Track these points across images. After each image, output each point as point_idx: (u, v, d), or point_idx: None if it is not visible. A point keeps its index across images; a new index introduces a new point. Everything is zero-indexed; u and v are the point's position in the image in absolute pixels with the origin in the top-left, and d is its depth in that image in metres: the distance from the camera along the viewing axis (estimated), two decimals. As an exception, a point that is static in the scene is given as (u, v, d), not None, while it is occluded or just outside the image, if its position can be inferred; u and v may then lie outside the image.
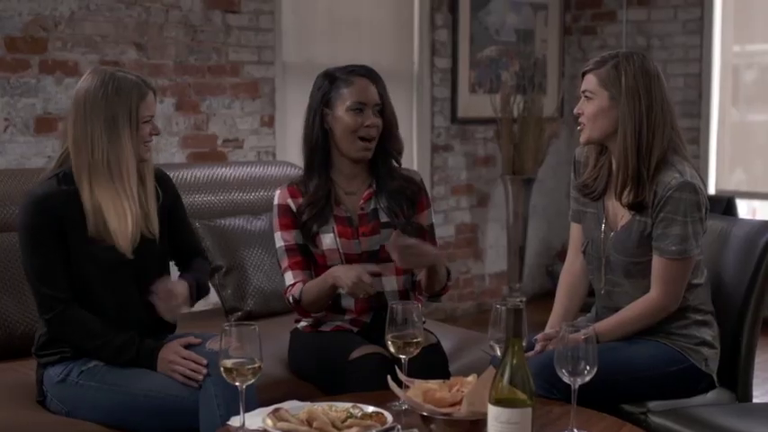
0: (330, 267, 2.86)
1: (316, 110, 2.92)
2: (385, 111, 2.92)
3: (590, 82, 2.72)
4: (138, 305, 2.68)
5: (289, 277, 2.91)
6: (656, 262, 2.68)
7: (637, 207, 2.69)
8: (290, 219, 2.94)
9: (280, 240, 2.94)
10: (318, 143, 2.92)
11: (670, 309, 2.69)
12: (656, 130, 2.66)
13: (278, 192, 2.98)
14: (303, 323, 3.01)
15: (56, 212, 2.59)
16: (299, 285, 2.87)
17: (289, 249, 2.92)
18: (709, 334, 2.75)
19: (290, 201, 2.94)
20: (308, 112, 2.95)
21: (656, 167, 2.66)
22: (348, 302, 2.92)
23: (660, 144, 2.67)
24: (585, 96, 2.73)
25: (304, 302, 2.86)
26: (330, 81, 2.92)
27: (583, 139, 2.76)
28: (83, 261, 2.61)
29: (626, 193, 2.69)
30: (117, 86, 2.60)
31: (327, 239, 2.90)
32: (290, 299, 2.88)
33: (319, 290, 2.83)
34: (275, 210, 2.96)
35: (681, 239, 2.64)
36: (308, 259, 2.93)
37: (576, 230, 2.93)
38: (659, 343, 2.71)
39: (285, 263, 2.93)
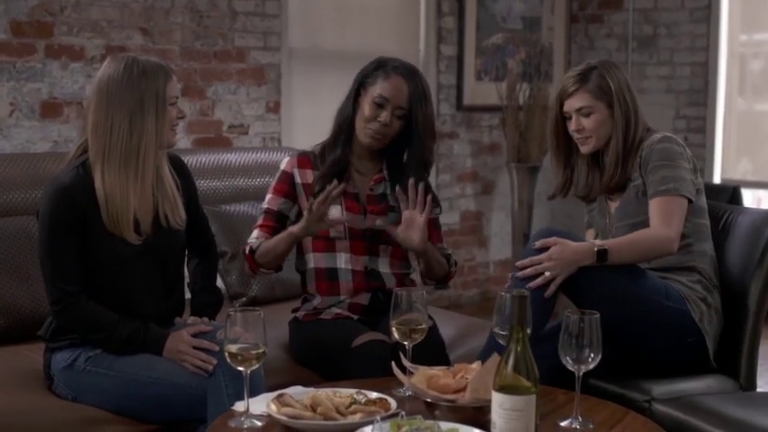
0: (333, 239, 2.91)
1: (355, 86, 2.96)
2: (413, 118, 2.88)
3: (583, 98, 2.86)
4: (157, 295, 2.67)
5: (254, 234, 2.96)
6: (651, 204, 2.77)
7: (623, 187, 2.86)
8: (287, 187, 2.97)
9: (266, 202, 2.98)
10: (348, 118, 2.95)
11: (672, 240, 2.73)
12: (639, 118, 2.86)
13: (287, 159, 3.03)
14: (302, 312, 3.01)
15: (79, 203, 2.54)
16: (260, 239, 2.92)
17: (268, 212, 2.97)
18: (712, 298, 2.82)
19: (295, 170, 2.98)
20: (351, 86, 2.99)
21: (639, 141, 2.85)
22: (346, 277, 2.92)
23: (641, 128, 2.86)
24: (581, 113, 2.86)
25: (258, 253, 2.90)
26: (376, 67, 2.95)
27: (587, 150, 2.90)
28: (101, 250, 2.58)
29: (614, 180, 2.87)
30: (142, 69, 2.58)
31: (334, 210, 2.89)
32: (246, 249, 2.93)
33: (276, 241, 2.87)
34: (277, 174, 3.01)
35: (669, 180, 2.75)
36: (280, 229, 2.92)
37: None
38: (667, 281, 2.78)
39: (258, 222, 2.98)
